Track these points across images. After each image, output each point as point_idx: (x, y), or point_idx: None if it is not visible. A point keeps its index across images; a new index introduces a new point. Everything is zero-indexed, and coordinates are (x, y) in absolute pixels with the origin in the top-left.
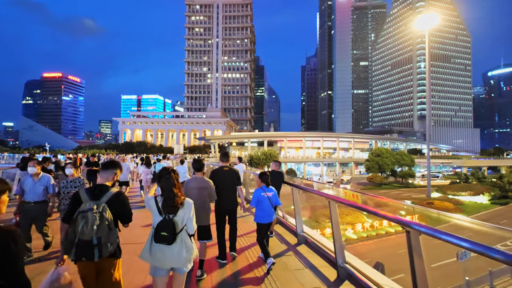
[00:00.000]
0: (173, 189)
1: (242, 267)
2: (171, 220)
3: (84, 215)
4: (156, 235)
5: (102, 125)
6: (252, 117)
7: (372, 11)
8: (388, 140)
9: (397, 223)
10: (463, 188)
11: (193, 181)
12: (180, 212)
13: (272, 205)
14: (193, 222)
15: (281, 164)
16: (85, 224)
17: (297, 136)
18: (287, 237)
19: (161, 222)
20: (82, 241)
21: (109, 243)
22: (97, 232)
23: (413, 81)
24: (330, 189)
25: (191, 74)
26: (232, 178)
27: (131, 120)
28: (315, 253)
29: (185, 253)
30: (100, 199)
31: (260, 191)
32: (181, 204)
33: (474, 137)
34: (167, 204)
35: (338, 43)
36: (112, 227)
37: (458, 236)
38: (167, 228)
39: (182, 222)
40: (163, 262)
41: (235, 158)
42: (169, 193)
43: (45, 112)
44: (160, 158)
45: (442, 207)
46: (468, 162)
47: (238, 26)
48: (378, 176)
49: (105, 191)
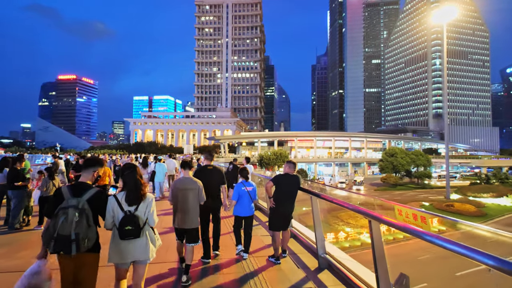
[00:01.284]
0: (136, 182)
1: (226, 267)
2: (133, 214)
3: (64, 211)
4: (121, 231)
5: (115, 126)
6: (262, 117)
7: (384, 8)
8: (402, 139)
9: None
10: (485, 189)
11: (180, 182)
12: (141, 207)
13: (251, 199)
14: (154, 216)
15: (296, 166)
16: (65, 220)
17: (308, 136)
18: (304, 258)
19: (124, 218)
20: (60, 235)
21: (87, 239)
22: (76, 227)
23: (428, 78)
24: (359, 194)
25: (201, 74)
26: (216, 177)
27: (142, 121)
28: (344, 285)
29: (150, 245)
30: (81, 196)
31: (241, 185)
32: (143, 196)
33: (493, 136)
34: (130, 197)
35: (349, 41)
36: (91, 223)
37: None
38: (131, 222)
39: (144, 216)
40: (130, 257)
41: (243, 159)
42: (132, 186)
43: (60, 113)
44: (160, 158)
45: (463, 209)
46: (488, 162)
47: (248, 26)
48: (393, 177)
49: (87, 188)
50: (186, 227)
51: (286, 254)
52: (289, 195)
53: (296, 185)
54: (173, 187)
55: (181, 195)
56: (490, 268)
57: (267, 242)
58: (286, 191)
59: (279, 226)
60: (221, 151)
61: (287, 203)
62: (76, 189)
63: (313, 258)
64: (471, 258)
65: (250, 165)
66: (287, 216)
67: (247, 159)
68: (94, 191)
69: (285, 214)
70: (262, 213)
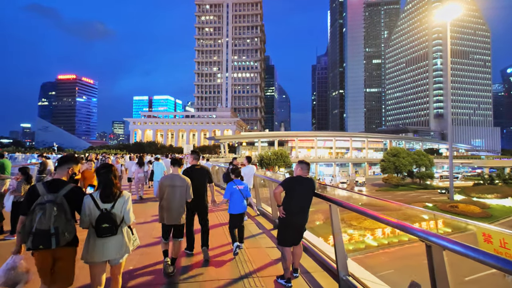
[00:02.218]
0: (111, 181)
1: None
2: (110, 212)
3: (42, 207)
4: (98, 229)
5: (115, 126)
6: (262, 117)
7: (385, 8)
8: (403, 139)
9: None
10: (489, 190)
11: (167, 178)
12: (117, 204)
13: (243, 197)
14: (130, 214)
15: (309, 166)
16: (42, 215)
17: (308, 136)
18: (320, 278)
19: (100, 215)
20: (39, 230)
21: (67, 232)
22: (55, 221)
23: (429, 78)
24: (374, 197)
25: (201, 74)
26: (203, 175)
27: (142, 121)
28: None
29: (126, 241)
30: (58, 192)
31: (232, 184)
32: (118, 195)
33: (494, 136)
34: (105, 194)
35: (349, 41)
36: (69, 217)
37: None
38: (108, 220)
39: (120, 213)
40: (107, 254)
41: (243, 159)
42: (106, 184)
43: (60, 113)
44: (158, 157)
45: (467, 211)
46: (490, 163)
47: (248, 25)
48: (394, 177)
49: (63, 185)
50: (172, 223)
51: (298, 273)
52: (303, 203)
53: (311, 191)
54: (160, 183)
55: (168, 192)
56: (506, 274)
57: (274, 256)
58: (300, 198)
59: (290, 240)
60: (221, 151)
61: (301, 213)
62: (51, 186)
63: (330, 278)
64: (486, 263)
65: (251, 165)
66: (300, 229)
67: (248, 158)
68: (70, 187)
69: (297, 226)
70: (265, 218)
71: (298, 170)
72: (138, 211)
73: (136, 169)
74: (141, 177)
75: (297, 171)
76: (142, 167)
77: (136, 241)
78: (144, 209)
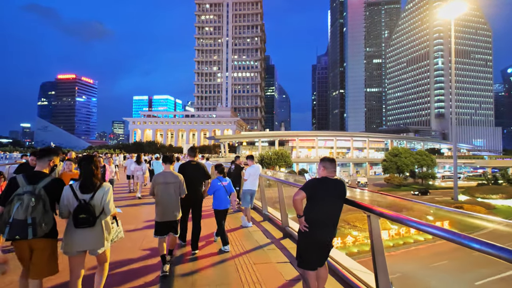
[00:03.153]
0: (91, 171)
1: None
2: (88, 203)
3: (20, 197)
4: (75, 220)
5: (115, 126)
6: (262, 116)
7: (385, 7)
8: (404, 139)
9: None
10: (493, 190)
11: (161, 176)
12: (97, 196)
13: (227, 193)
14: (110, 205)
15: (336, 165)
16: (20, 205)
17: (309, 136)
18: None
19: (78, 206)
20: (16, 220)
21: (44, 224)
22: (32, 212)
23: (430, 78)
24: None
25: (201, 73)
26: (198, 172)
27: (141, 120)
28: None
29: (105, 234)
30: (37, 183)
31: (217, 181)
32: (99, 186)
33: (495, 136)
34: (85, 185)
35: (350, 40)
36: (47, 209)
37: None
38: (86, 211)
39: (100, 205)
40: (84, 245)
41: (244, 158)
42: (86, 175)
43: (59, 113)
44: (158, 156)
45: (473, 211)
46: (493, 163)
47: (248, 25)
48: (396, 177)
49: (43, 177)
50: (166, 220)
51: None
52: (331, 213)
53: (341, 197)
54: (153, 181)
55: (162, 189)
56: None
57: (288, 275)
58: (327, 206)
59: (315, 262)
60: (221, 151)
61: (329, 225)
62: (32, 177)
63: None
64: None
65: (257, 164)
66: (327, 246)
67: (251, 157)
68: (50, 179)
69: (324, 243)
70: (273, 225)
71: (321, 170)
72: (131, 214)
73: (135, 167)
74: (140, 175)
75: (322, 171)
76: (141, 165)
77: (121, 233)
78: (138, 213)
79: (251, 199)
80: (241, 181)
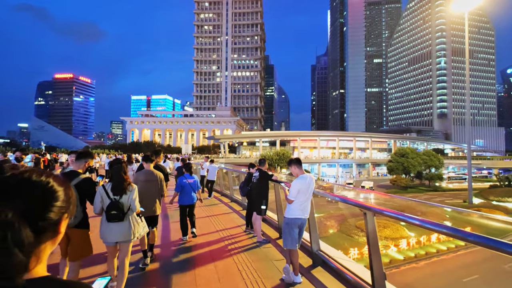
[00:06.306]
0: (122, 176)
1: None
2: (118, 201)
3: None
4: (108, 215)
5: (113, 126)
6: (262, 116)
7: (386, 7)
8: (408, 139)
9: None
10: (508, 193)
11: (141, 174)
12: (125, 196)
13: (193, 190)
14: (135, 203)
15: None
16: None
17: (311, 136)
18: None
19: (110, 204)
20: None
21: (74, 217)
22: None
23: (432, 77)
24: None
25: (200, 72)
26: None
27: (139, 120)
28: None
29: (133, 228)
30: (70, 182)
31: (183, 178)
32: (127, 188)
33: (498, 137)
34: (116, 188)
35: (350, 40)
36: (77, 204)
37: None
38: (116, 208)
39: (127, 203)
40: (115, 237)
41: (244, 159)
42: (118, 179)
43: (57, 113)
44: None
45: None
46: (499, 163)
47: (248, 23)
48: (403, 179)
49: (76, 175)
50: (148, 215)
51: None
52: None
53: None
54: (135, 179)
55: (143, 186)
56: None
57: None
58: None
59: None
60: (221, 151)
61: None
62: (66, 176)
63: None
64: None
65: (309, 174)
66: None
67: (297, 162)
68: (82, 178)
69: None
70: (269, 225)
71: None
72: None
73: (128, 167)
74: (130, 175)
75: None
76: (131, 165)
77: (145, 228)
78: None
79: (299, 234)
80: (272, 197)
